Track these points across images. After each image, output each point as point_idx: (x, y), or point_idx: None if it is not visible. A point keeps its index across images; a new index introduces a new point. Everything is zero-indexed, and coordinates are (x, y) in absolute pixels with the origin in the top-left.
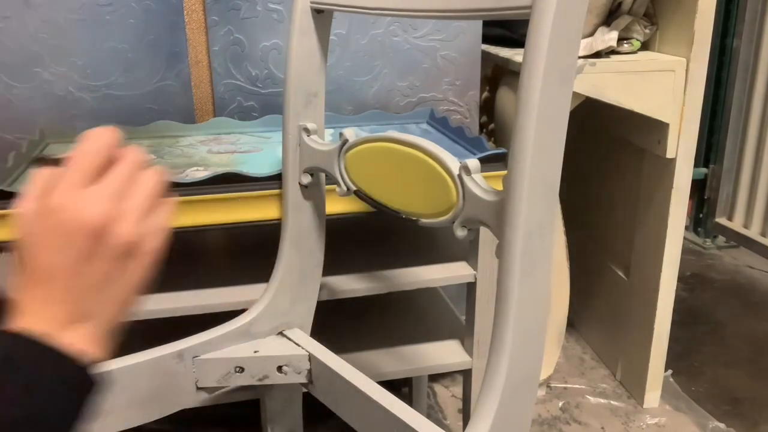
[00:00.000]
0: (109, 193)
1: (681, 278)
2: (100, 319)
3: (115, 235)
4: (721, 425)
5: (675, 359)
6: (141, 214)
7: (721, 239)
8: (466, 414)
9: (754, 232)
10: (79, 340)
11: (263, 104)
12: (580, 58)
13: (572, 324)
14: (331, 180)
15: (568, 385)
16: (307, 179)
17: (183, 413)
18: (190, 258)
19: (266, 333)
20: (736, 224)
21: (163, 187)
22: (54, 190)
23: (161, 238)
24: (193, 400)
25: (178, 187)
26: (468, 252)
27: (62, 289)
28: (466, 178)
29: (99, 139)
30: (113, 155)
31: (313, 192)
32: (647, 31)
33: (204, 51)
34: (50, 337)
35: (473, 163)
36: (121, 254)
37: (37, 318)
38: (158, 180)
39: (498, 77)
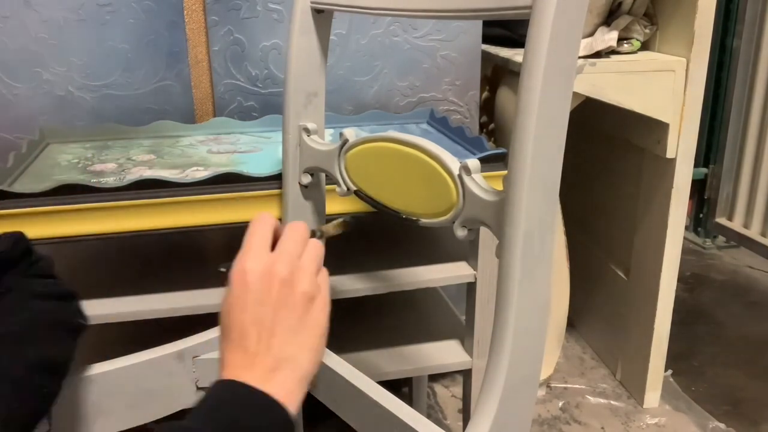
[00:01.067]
0: (289, 254)
1: (681, 278)
2: (297, 368)
3: (300, 285)
4: (721, 425)
5: (675, 359)
6: (314, 270)
7: (721, 239)
8: (466, 414)
9: (754, 232)
10: (279, 388)
11: (263, 104)
12: (580, 58)
13: (572, 324)
14: (331, 180)
15: (568, 385)
16: (307, 179)
17: (183, 413)
18: (190, 258)
19: None
20: (736, 224)
21: (323, 253)
22: (244, 259)
23: (328, 293)
24: (193, 400)
25: (178, 187)
26: (468, 252)
27: (262, 338)
28: (466, 178)
29: (267, 219)
30: (278, 230)
31: (313, 192)
32: (647, 31)
33: (204, 51)
34: (257, 386)
35: (473, 163)
36: (307, 301)
37: (242, 368)
38: (321, 247)
39: (498, 77)
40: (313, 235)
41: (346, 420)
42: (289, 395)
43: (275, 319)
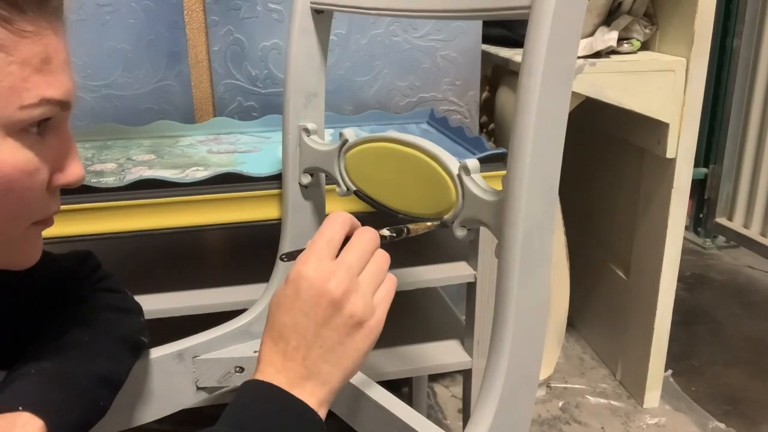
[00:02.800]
0: (349, 269)
1: (681, 278)
2: (327, 382)
3: (350, 308)
4: (721, 425)
5: (675, 359)
6: (372, 290)
7: (721, 239)
8: (466, 414)
9: (754, 232)
10: (309, 397)
11: (263, 104)
12: (580, 58)
13: (572, 324)
14: (331, 180)
15: (568, 385)
16: (307, 179)
17: (183, 413)
18: (190, 258)
19: None
20: (736, 224)
21: (388, 265)
22: (306, 262)
23: (385, 312)
24: (193, 400)
25: (178, 187)
26: (468, 252)
27: (299, 348)
28: (465, 178)
29: (341, 219)
30: (351, 231)
31: (313, 192)
32: (647, 31)
33: (204, 51)
34: (289, 390)
35: (473, 163)
36: (353, 325)
37: (276, 370)
38: (386, 259)
39: (498, 77)
40: (399, 233)
41: (346, 420)
42: (316, 405)
43: (317, 335)
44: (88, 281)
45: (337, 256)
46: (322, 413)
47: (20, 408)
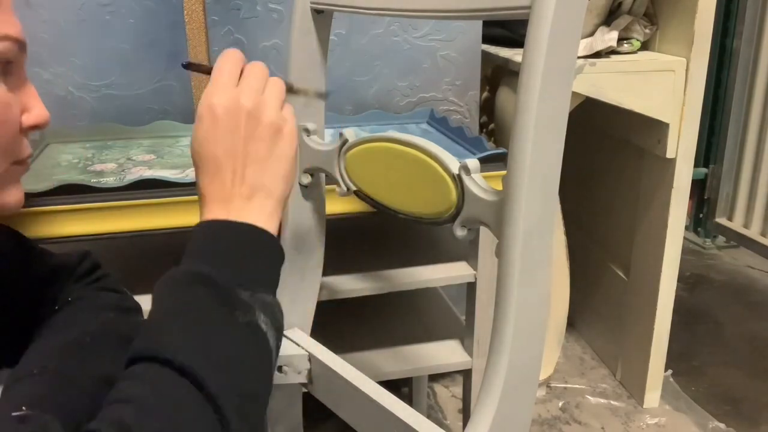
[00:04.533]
0: (251, 88)
1: (681, 278)
2: (271, 193)
3: (266, 117)
4: (721, 425)
5: (675, 359)
6: (278, 103)
7: (721, 239)
8: (466, 414)
9: (754, 232)
10: (258, 213)
11: None
12: (580, 58)
13: (572, 324)
14: (331, 180)
15: (568, 385)
16: (307, 179)
17: None
18: None
19: None
20: (736, 224)
21: (285, 88)
22: (212, 94)
23: (294, 124)
24: None
25: (178, 187)
26: (468, 252)
27: (236, 170)
28: (465, 178)
29: (235, 55)
30: (243, 64)
31: (313, 192)
32: (647, 31)
33: (204, 51)
34: (237, 217)
35: (473, 163)
36: (274, 132)
37: (221, 201)
38: (280, 83)
39: (498, 77)
40: (289, 89)
41: (346, 420)
42: (267, 219)
43: (246, 150)
44: (87, 280)
45: None
46: (274, 223)
47: (24, 408)
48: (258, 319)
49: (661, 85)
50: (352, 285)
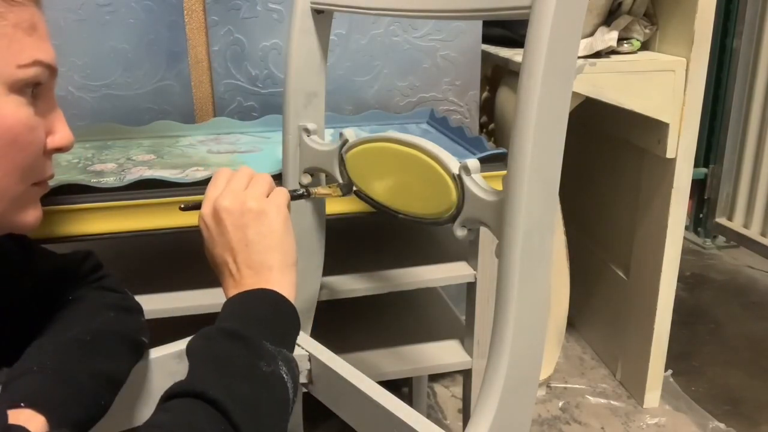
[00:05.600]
0: (234, 189)
1: (681, 278)
2: (271, 267)
3: (245, 207)
4: (721, 425)
5: (675, 359)
6: (260, 192)
7: (721, 239)
8: (466, 414)
9: (754, 232)
10: (271, 285)
11: (263, 104)
12: (580, 58)
13: (572, 324)
14: (331, 180)
15: (568, 385)
16: (307, 179)
17: None
18: (190, 258)
19: None
20: (736, 224)
21: (271, 180)
22: (202, 207)
23: (281, 203)
24: None
25: (178, 187)
26: (468, 252)
27: (236, 260)
28: (466, 178)
29: (223, 172)
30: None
31: None
32: (647, 31)
33: (204, 51)
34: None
35: (473, 163)
36: (253, 219)
37: (235, 286)
38: (267, 176)
39: (498, 77)
40: (301, 196)
41: (346, 420)
42: (276, 287)
43: (237, 240)
44: (88, 280)
45: None
46: (286, 290)
47: (22, 405)
48: (281, 370)
49: (661, 85)
50: (352, 285)
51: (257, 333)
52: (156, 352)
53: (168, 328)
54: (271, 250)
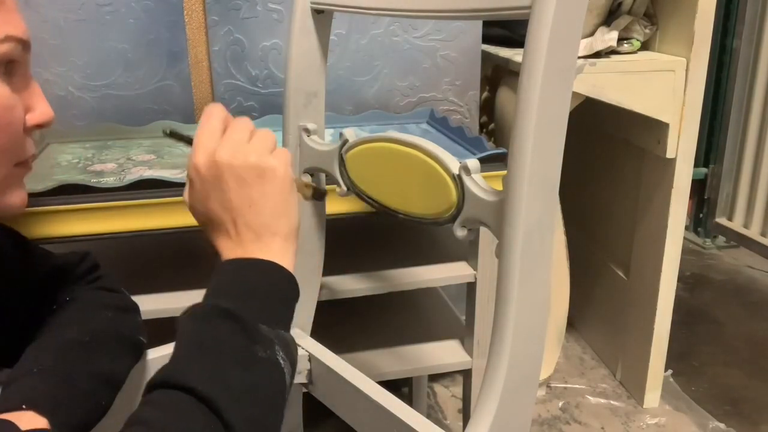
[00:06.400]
0: (234, 140)
1: (681, 278)
2: (275, 233)
3: (247, 162)
4: (721, 425)
5: (675, 359)
6: (263, 148)
7: (721, 239)
8: (466, 414)
9: (754, 232)
10: (269, 252)
11: (263, 104)
12: (580, 58)
13: (572, 324)
14: (331, 180)
15: (568, 385)
16: (307, 179)
17: None
18: (190, 258)
19: None
20: (736, 224)
21: (274, 137)
22: (194, 155)
23: (286, 162)
24: None
25: (178, 187)
26: (468, 252)
27: (236, 220)
28: (466, 178)
29: (216, 110)
30: (228, 119)
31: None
32: (647, 31)
33: (204, 51)
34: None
35: (473, 163)
36: (256, 177)
37: (232, 250)
38: (269, 132)
39: (498, 77)
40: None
41: (346, 420)
42: (280, 257)
43: (238, 198)
44: (86, 280)
45: None
46: (288, 260)
47: (24, 407)
48: (277, 354)
49: (661, 85)
50: (352, 285)
51: (255, 313)
52: (156, 352)
53: (168, 328)
54: (276, 214)
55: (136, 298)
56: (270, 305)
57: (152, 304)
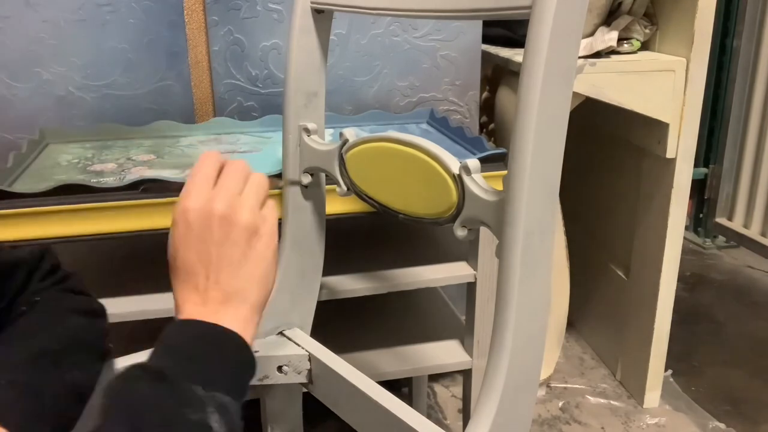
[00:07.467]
0: (228, 190)
1: (681, 278)
2: (246, 299)
3: (240, 220)
4: (721, 425)
5: (675, 359)
6: (257, 202)
7: (721, 239)
8: (466, 414)
9: (754, 232)
10: (232, 320)
11: (263, 104)
12: (580, 58)
13: (572, 324)
14: (331, 180)
15: (568, 385)
16: (307, 179)
17: None
18: None
19: (266, 333)
20: (736, 224)
21: (268, 185)
22: (186, 198)
23: (275, 223)
24: None
25: (178, 187)
26: (468, 252)
27: (209, 275)
28: (466, 178)
29: (212, 157)
30: (223, 165)
31: (313, 192)
32: (647, 31)
33: (204, 51)
34: (211, 320)
35: (473, 163)
36: (250, 235)
37: (194, 305)
38: (264, 179)
39: (498, 77)
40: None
41: (346, 420)
42: (242, 325)
43: (219, 254)
44: (51, 279)
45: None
46: (250, 331)
47: None
48: (209, 419)
49: (661, 85)
50: (352, 285)
51: (190, 374)
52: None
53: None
54: (253, 280)
55: (135, 299)
56: (210, 367)
57: (152, 305)
